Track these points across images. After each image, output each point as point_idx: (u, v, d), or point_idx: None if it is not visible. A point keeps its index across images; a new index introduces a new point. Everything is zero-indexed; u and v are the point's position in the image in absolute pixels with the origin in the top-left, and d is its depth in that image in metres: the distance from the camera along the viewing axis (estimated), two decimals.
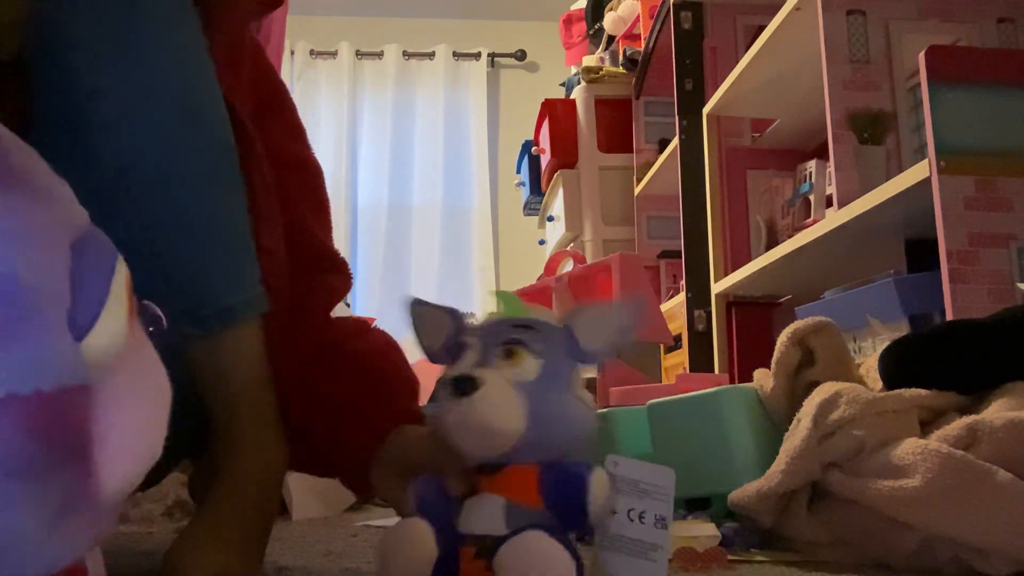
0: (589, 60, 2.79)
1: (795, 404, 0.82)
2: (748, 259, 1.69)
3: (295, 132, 0.83)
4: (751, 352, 1.73)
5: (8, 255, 0.27)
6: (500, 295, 0.64)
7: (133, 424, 0.31)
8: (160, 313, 0.37)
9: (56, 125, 0.63)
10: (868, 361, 0.89)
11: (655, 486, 0.58)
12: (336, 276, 0.82)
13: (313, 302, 0.78)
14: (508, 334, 0.58)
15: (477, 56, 3.98)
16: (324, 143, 3.75)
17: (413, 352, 0.71)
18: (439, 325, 0.62)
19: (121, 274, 0.32)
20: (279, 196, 0.76)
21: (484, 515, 0.55)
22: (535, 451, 0.56)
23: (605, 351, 0.60)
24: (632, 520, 0.58)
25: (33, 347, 0.27)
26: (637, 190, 2.52)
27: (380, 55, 3.95)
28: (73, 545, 0.29)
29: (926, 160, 1.04)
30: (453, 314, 0.63)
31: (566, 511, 0.56)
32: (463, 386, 0.54)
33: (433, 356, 0.63)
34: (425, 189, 3.82)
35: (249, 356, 0.70)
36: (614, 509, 0.58)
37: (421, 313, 0.64)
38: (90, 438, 0.29)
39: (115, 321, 0.31)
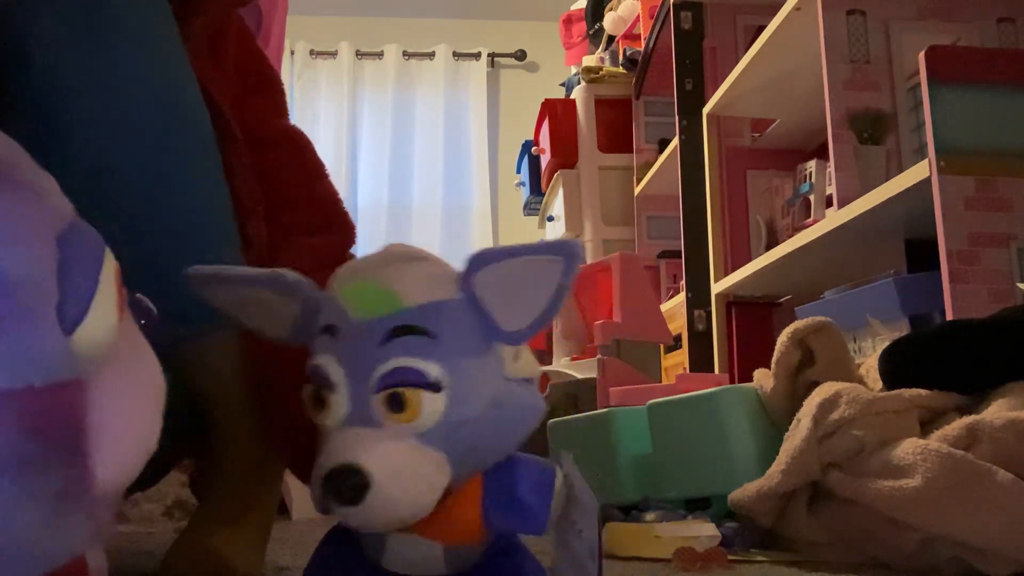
0: (589, 60, 2.79)
1: (795, 404, 0.82)
2: (748, 259, 1.69)
3: (279, 109, 0.83)
4: (751, 352, 1.73)
5: None
6: (347, 289, 0.44)
7: (127, 417, 0.30)
8: (152, 306, 0.37)
9: (28, 125, 0.60)
10: (868, 361, 0.89)
11: (587, 505, 0.46)
12: (326, 235, 0.78)
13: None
14: (386, 360, 0.41)
15: (477, 56, 3.97)
16: (324, 143, 3.75)
17: None
18: (274, 307, 0.46)
19: (109, 266, 0.31)
20: (268, 172, 0.75)
21: (415, 561, 0.44)
22: (465, 478, 0.44)
23: (532, 332, 0.43)
24: (576, 537, 0.46)
25: (23, 342, 0.27)
26: (637, 190, 2.52)
27: (380, 55, 3.95)
28: (72, 541, 0.29)
29: (926, 160, 1.04)
30: (287, 285, 0.46)
31: (513, 532, 0.46)
32: (347, 494, 0.39)
33: (271, 335, 0.48)
34: (425, 189, 3.82)
35: (240, 354, 0.69)
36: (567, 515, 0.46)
37: (235, 300, 0.47)
38: (84, 432, 0.28)
39: (105, 314, 0.30)
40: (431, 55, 3.95)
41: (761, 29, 1.61)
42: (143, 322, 0.35)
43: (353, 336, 0.42)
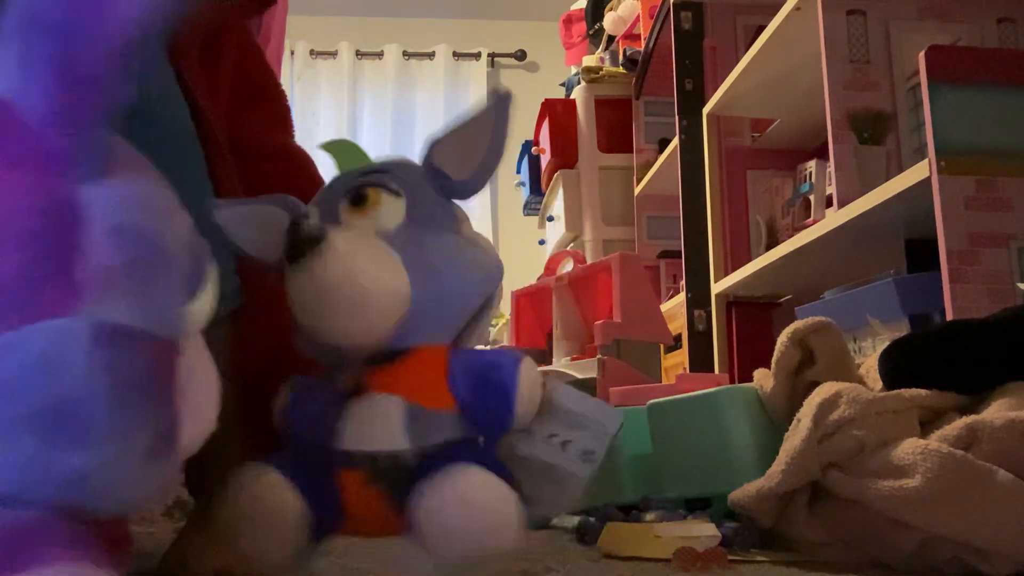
0: (589, 60, 2.79)
1: (795, 404, 0.82)
2: (748, 259, 1.69)
3: (280, 122, 0.81)
4: (751, 352, 1.73)
5: (159, 222, 0.32)
6: (331, 146, 0.49)
7: (202, 389, 0.33)
8: None
9: None
10: (868, 361, 0.89)
11: (596, 423, 0.47)
12: None
13: None
14: (353, 182, 0.45)
15: (477, 56, 3.97)
16: None
17: None
18: (267, 220, 0.47)
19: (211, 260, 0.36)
20: (258, 186, 0.74)
21: (375, 423, 0.41)
22: (430, 323, 0.42)
23: (480, 177, 0.47)
24: (551, 446, 0.45)
25: (160, 298, 0.31)
26: (637, 190, 2.52)
27: (380, 55, 3.95)
28: (155, 488, 0.31)
29: (926, 160, 1.04)
30: (285, 203, 0.48)
31: (484, 413, 0.42)
32: (299, 247, 0.39)
33: (268, 260, 0.48)
34: None
35: (228, 351, 0.69)
36: (529, 428, 0.45)
37: (233, 216, 0.49)
38: (177, 389, 0.31)
39: (209, 293, 0.35)
40: (431, 55, 3.95)
41: (761, 29, 1.61)
42: None
43: (330, 184, 0.46)
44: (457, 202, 0.48)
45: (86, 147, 0.30)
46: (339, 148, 0.48)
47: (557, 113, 2.68)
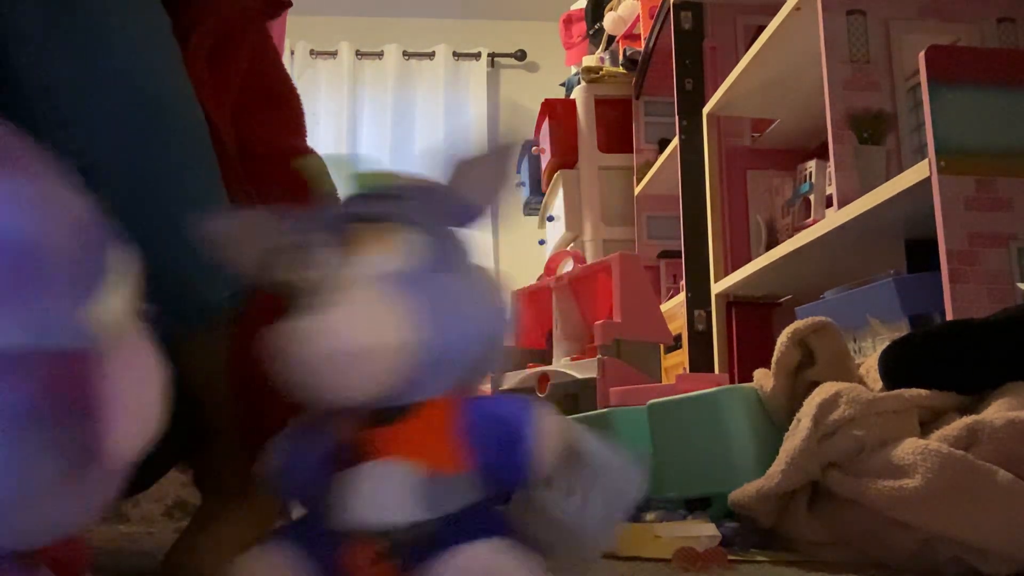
0: (589, 60, 2.79)
1: (795, 404, 0.82)
2: (748, 259, 1.69)
3: (293, 125, 0.81)
4: (751, 352, 1.73)
5: (28, 219, 0.29)
6: (330, 161, 0.44)
7: (137, 396, 0.31)
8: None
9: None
10: (868, 361, 0.89)
11: (618, 479, 0.42)
12: None
13: None
14: (359, 210, 0.40)
15: (477, 56, 3.97)
16: (324, 143, 3.75)
17: None
18: (265, 235, 0.43)
19: (129, 261, 0.33)
20: (267, 189, 0.74)
21: (383, 495, 0.37)
22: (436, 375, 0.38)
23: (490, 196, 0.43)
24: (570, 503, 0.41)
25: (45, 306, 0.28)
26: (637, 190, 2.52)
27: (380, 55, 3.95)
28: (78, 509, 0.29)
29: (926, 160, 1.04)
30: (289, 221, 0.43)
31: (501, 471, 0.39)
32: (292, 295, 0.36)
33: (262, 277, 0.44)
34: None
35: (226, 353, 0.68)
36: (549, 481, 0.41)
37: (230, 227, 0.45)
38: (97, 400, 0.29)
39: (118, 293, 0.32)
40: (431, 55, 3.95)
41: (761, 29, 1.61)
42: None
43: (336, 205, 0.42)
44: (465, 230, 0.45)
45: None
46: (336, 163, 0.45)
47: (557, 113, 2.68)
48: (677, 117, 2.06)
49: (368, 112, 3.91)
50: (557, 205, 2.69)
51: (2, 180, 0.29)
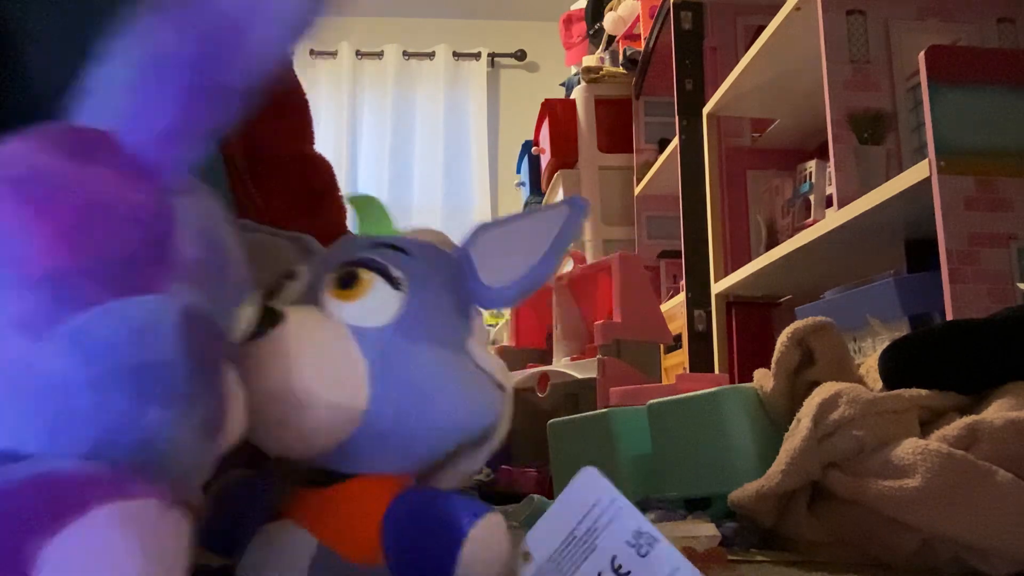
0: (589, 60, 2.79)
1: (795, 404, 0.82)
2: (748, 259, 1.69)
3: (301, 131, 0.81)
4: (751, 352, 1.73)
5: (224, 231, 0.36)
6: (356, 200, 0.41)
7: (239, 399, 0.35)
8: None
9: (15, 129, 0.58)
10: (868, 361, 0.89)
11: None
12: None
13: None
14: (355, 254, 0.37)
15: (477, 56, 3.97)
16: (324, 143, 3.72)
17: None
18: (271, 258, 0.41)
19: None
20: (271, 193, 0.74)
21: (279, 560, 0.34)
22: (387, 451, 0.35)
23: (521, 288, 0.37)
24: None
25: (225, 296, 0.35)
26: (637, 190, 2.52)
27: (380, 55, 3.95)
28: (203, 464, 0.32)
29: (926, 160, 1.04)
30: (297, 242, 0.42)
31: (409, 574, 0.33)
32: (259, 327, 0.34)
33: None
34: (425, 189, 3.82)
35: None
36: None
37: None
38: (226, 384, 0.33)
39: (249, 306, 0.37)
40: (431, 55, 3.95)
41: (761, 29, 1.61)
42: None
43: (340, 245, 0.39)
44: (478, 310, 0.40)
45: (181, 167, 0.35)
46: (363, 203, 0.42)
47: (557, 113, 2.68)
48: (677, 117, 2.06)
49: (368, 112, 3.91)
50: None
51: (210, 201, 0.36)
